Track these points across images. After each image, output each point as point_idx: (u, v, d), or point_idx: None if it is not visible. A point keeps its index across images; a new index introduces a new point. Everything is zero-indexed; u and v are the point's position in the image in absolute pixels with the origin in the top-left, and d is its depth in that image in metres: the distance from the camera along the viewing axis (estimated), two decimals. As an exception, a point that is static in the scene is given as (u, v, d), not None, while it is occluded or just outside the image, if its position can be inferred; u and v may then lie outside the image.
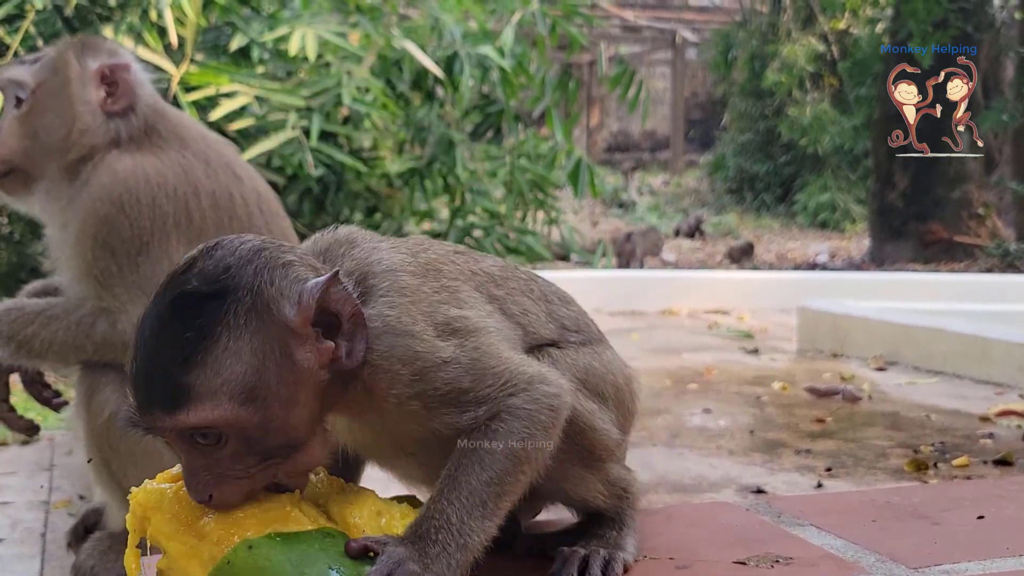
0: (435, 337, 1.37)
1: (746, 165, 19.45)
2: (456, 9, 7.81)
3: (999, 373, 5.51)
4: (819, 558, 1.55)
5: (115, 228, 2.44)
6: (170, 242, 2.44)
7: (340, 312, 1.30)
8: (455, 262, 1.51)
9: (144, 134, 2.56)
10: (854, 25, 17.62)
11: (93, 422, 2.49)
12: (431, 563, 1.27)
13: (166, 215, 2.45)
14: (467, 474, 1.33)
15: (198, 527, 1.30)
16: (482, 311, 1.46)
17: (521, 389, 1.38)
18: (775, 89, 17.83)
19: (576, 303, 1.68)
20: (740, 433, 4.53)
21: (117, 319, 2.45)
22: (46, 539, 3.28)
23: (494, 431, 1.36)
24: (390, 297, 1.37)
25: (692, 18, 23.88)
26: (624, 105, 9.34)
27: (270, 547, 1.26)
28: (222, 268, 1.28)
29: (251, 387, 1.24)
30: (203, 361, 1.23)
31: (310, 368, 1.28)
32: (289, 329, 1.27)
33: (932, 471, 3.83)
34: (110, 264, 2.44)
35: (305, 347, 1.28)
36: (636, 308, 8.80)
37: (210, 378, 1.23)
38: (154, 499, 1.33)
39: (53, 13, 6.11)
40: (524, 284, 1.59)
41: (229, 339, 1.24)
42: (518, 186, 7.81)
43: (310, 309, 1.28)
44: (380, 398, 1.36)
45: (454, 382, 1.36)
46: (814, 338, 6.90)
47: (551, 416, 1.39)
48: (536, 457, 1.38)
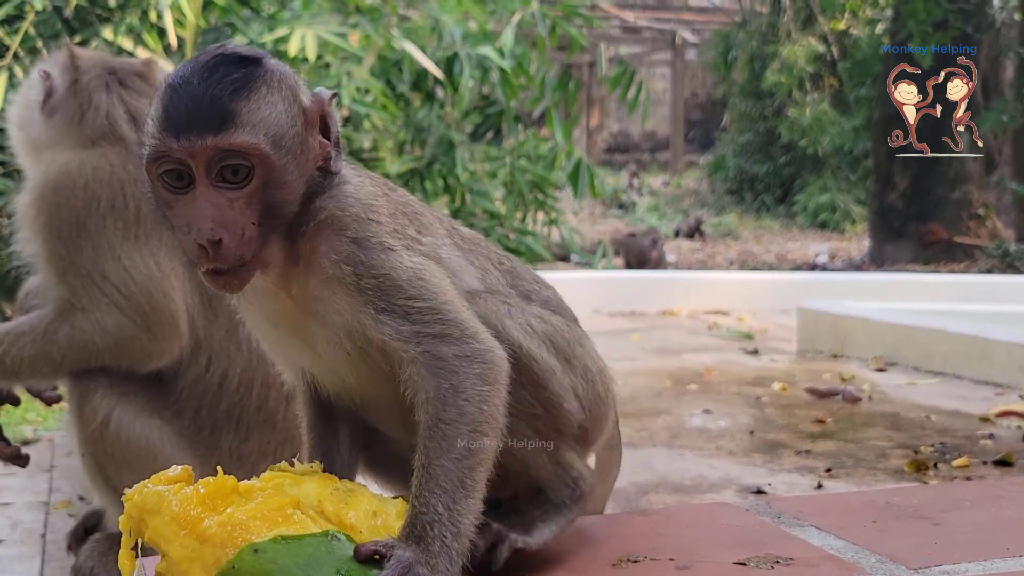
0: (389, 232, 1.45)
1: (746, 166, 19.45)
2: (456, 10, 7.82)
3: (999, 374, 5.51)
4: (819, 559, 1.55)
5: (52, 210, 2.49)
6: (106, 226, 2.47)
7: (331, 128, 1.46)
8: (433, 213, 1.61)
9: (99, 136, 2.62)
10: (854, 26, 17.63)
11: (86, 429, 2.49)
12: (436, 561, 1.30)
13: (99, 198, 2.48)
14: (438, 457, 1.35)
15: (200, 530, 1.29)
16: (446, 249, 1.54)
17: (454, 336, 1.40)
18: (775, 90, 17.83)
19: (553, 289, 1.69)
20: (740, 434, 4.52)
21: (75, 318, 2.46)
22: (46, 540, 3.28)
23: (444, 397, 1.37)
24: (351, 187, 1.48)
25: (692, 19, 23.88)
26: (624, 106, 9.34)
27: (276, 551, 1.25)
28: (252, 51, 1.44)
29: (280, 134, 1.38)
30: (248, 97, 1.37)
31: (312, 150, 1.43)
32: (304, 112, 1.43)
33: (932, 472, 3.83)
34: (58, 247, 2.48)
35: (313, 131, 1.44)
36: (636, 309, 8.81)
37: (253, 112, 1.36)
38: (152, 502, 1.32)
39: (53, 14, 6.11)
40: (495, 256, 1.65)
41: (267, 91, 1.39)
42: (518, 187, 7.81)
43: (321, 105, 1.45)
44: (318, 254, 1.42)
45: (390, 271, 1.41)
46: (814, 339, 6.89)
47: (490, 371, 1.40)
48: (489, 414, 1.39)
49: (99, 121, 2.62)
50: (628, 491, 3.65)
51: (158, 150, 1.35)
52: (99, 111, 2.63)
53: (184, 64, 1.42)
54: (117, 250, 2.46)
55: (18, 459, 2.72)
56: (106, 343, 2.46)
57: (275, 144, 1.37)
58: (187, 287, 2.52)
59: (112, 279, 2.45)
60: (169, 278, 2.49)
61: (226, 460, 2.53)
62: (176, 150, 1.33)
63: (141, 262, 2.47)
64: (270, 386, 2.55)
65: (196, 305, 2.52)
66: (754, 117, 19.30)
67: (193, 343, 2.52)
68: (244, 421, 2.55)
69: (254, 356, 2.53)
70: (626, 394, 5.14)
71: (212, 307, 2.53)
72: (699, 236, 16.56)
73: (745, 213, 18.83)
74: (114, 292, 2.45)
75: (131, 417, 2.48)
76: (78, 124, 2.62)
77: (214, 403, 2.53)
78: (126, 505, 1.35)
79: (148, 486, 1.35)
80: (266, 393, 2.55)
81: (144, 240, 2.48)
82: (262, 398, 2.55)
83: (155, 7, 6.01)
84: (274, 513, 1.30)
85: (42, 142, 2.65)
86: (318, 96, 1.46)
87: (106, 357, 2.47)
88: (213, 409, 2.53)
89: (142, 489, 1.34)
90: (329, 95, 1.48)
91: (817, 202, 17.58)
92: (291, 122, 1.40)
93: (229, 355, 2.53)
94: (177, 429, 2.52)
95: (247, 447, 2.56)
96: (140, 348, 2.48)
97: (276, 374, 2.54)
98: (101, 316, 2.45)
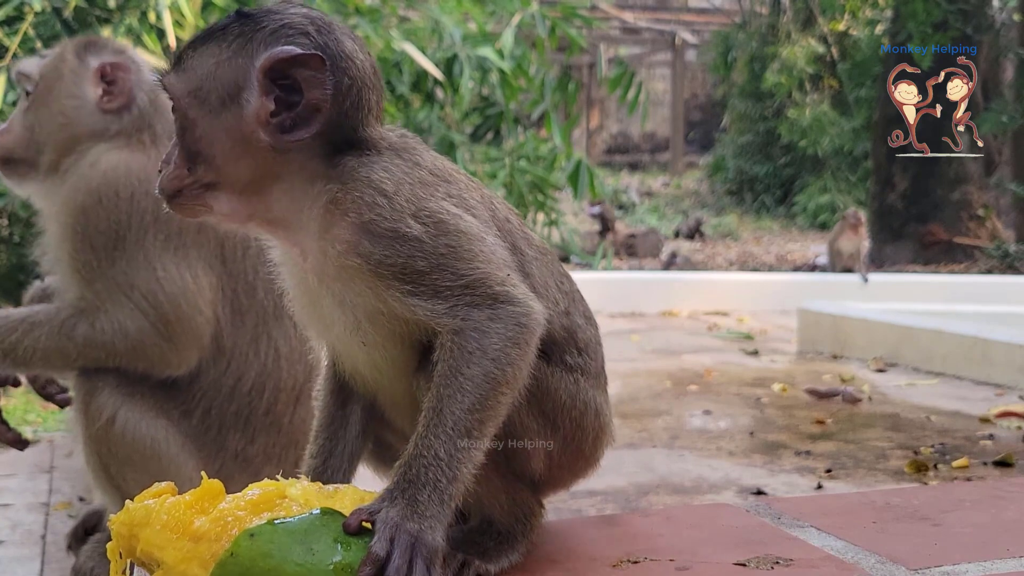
0: (410, 216, 1.39)
1: (746, 167, 19.45)
2: (456, 11, 7.82)
3: (999, 374, 5.51)
4: (819, 559, 1.55)
5: (92, 219, 2.45)
6: (147, 238, 2.44)
7: (302, 89, 1.39)
8: (487, 196, 1.54)
9: (137, 131, 2.57)
10: (854, 27, 17.64)
11: (91, 427, 2.48)
12: (424, 509, 1.30)
13: (144, 210, 2.45)
14: (449, 404, 1.34)
15: (192, 531, 1.28)
16: (482, 225, 1.46)
17: (488, 304, 1.37)
18: (775, 91, 17.84)
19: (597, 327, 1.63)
20: (740, 435, 4.53)
21: (96, 319, 2.45)
22: (46, 541, 3.28)
23: (469, 353, 1.35)
24: (389, 162, 1.43)
25: (692, 20, 23.89)
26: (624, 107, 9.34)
27: (272, 532, 1.26)
28: (275, 9, 1.45)
29: (196, 85, 1.41)
30: (196, 46, 1.43)
31: (246, 114, 1.40)
32: (249, 69, 1.39)
33: (932, 472, 3.83)
34: (89, 257, 2.45)
35: (251, 92, 1.39)
36: (636, 309, 8.81)
37: (188, 60, 1.43)
38: (140, 516, 1.31)
39: (52, 15, 6.11)
40: (550, 259, 1.58)
41: (215, 45, 1.42)
42: (518, 188, 7.81)
43: (271, 63, 1.38)
44: (327, 240, 1.39)
45: (408, 260, 1.37)
46: (814, 340, 6.90)
47: (521, 334, 1.37)
48: (511, 377, 1.37)
49: (159, 126, 2.57)
50: (628, 491, 3.65)
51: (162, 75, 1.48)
52: (146, 111, 2.58)
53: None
54: (153, 262, 2.44)
55: (18, 443, 2.71)
56: (125, 347, 2.44)
57: (190, 92, 1.41)
58: (219, 298, 2.50)
59: (141, 289, 2.43)
60: (204, 291, 2.47)
61: (231, 462, 2.53)
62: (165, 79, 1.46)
63: (176, 274, 2.45)
64: (280, 389, 2.54)
65: (225, 314, 2.51)
66: (754, 118, 19.30)
67: (216, 349, 2.51)
68: (251, 423, 2.54)
69: (270, 360, 2.53)
70: (626, 395, 5.15)
71: (241, 313, 2.51)
72: (699, 237, 16.57)
73: (745, 214, 18.84)
74: (141, 300, 2.43)
75: (137, 416, 2.47)
76: (147, 126, 2.57)
77: (224, 405, 2.53)
78: (113, 528, 1.33)
79: (132, 504, 1.33)
80: (276, 396, 2.55)
81: (183, 252, 2.46)
82: (271, 401, 2.55)
83: (154, 8, 6.01)
84: (264, 503, 1.30)
85: (89, 136, 2.57)
86: (277, 53, 1.38)
87: (122, 359, 2.46)
88: (223, 411, 2.53)
89: (127, 509, 1.33)
90: (294, 52, 1.38)
91: (817, 203, 17.58)
92: (216, 76, 1.40)
93: (248, 359, 2.52)
94: (184, 430, 2.52)
95: (252, 449, 2.55)
96: (159, 355, 2.46)
97: (287, 377, 2.56)
98: (123, 320, 2.43)
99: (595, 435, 1.56)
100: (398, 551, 1.27)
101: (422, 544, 1.28)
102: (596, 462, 1.61)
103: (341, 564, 1.25)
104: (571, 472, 1.60)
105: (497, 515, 1.53)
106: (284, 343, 2.54)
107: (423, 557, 1.28)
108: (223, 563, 1.25)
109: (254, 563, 1.24)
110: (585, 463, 1.60)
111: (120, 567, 1.35)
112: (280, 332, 2.53)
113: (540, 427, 1.49)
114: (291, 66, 1.38)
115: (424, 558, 1.28)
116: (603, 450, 1.61)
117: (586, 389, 1.54)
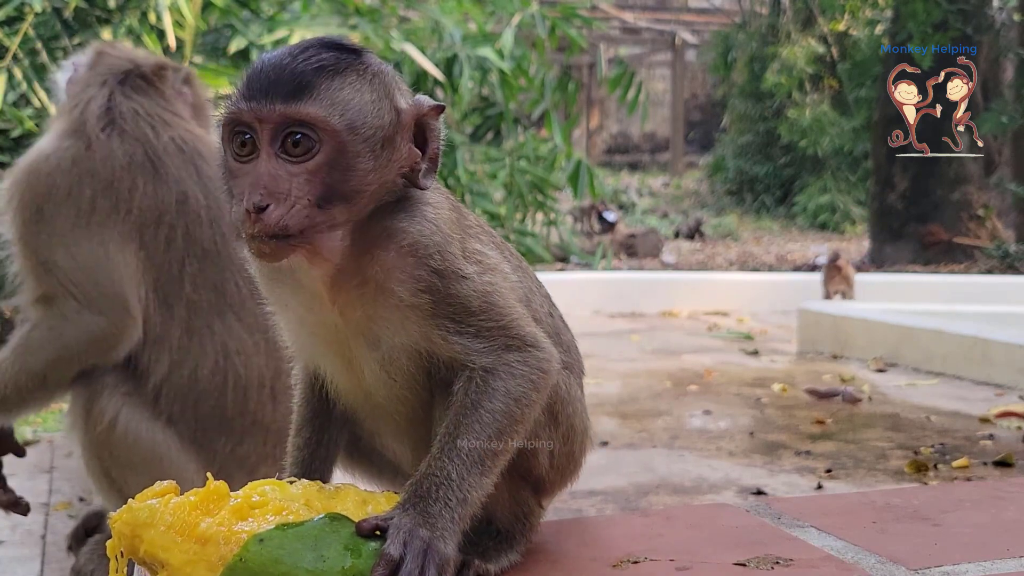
0: (461, 256, 1.43)
1: (746, 167, 19.45)
2: (456, 11, 7.82)
3: (999, 374, 5.51)
4: (819, 560, 1.55)
5: (19, 194, 2.54)
6: (60, 212, 2.51)
7: (429, 140, 1.42)
8: (487, 228, 1.58)
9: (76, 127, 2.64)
10: (854, 27, 17.64)
11: (92, 430, 2.49)
12: (435, 521, 1.32)
13: (57, 186, 2.53)
14: (467, 433, 1.38)
15: (198, 533, 1.28)
16: (501, 259, 1.52)
17: (518, 347, 1.43)
18: (775, 91, 17.84)
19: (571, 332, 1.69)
20: (740, 435, 4.53)
21: (39, 320, 2.51)
22: (46, 541, 3.28)
23: (493, 389, 1.40)
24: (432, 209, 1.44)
25: (692, 20, 23.89)
26: (624, 107, 9.35)
27: (281, 537, 1.26)
28: (355, 44, 1.41)
29: (360, 121, 1.35)
30: (332, 77, 1.35)
31: (399, 153, 1.39)
32: (397, 113, 1.39)
33: (932, 472, 3.83)
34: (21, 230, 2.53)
35: (403, 136, 1.40)
36: (636, 309, 8.80)
37: (335, 91, 1.34)
38: (143, 516, 1.30)
39: (52, 16, 6.12)
40: (535, 280, 1.63)
41: (357, 78, 1.37)
42: (518, 188, 7.82)
43: (418, 111, 1.41)
44: (393, 279, 1.39)
45: (464, 300, 1.41)
46: (814, 340, 6.90)
47: (543, 379, 1.44)
48: (528, 417, 1.43)
49: (76, 114, 2.64)
50: (628, 491, 3.65)
51: (230, 113, 1.35)
52: (81, 104, 2.65)
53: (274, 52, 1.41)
54: (67, 237, 2.50)
55: (18, 507, 2.73)
56: (73, 334, 2.48)
57: (351, 128, 1.34)
58: (138, 278, 2.53)
59: (61, 264, 2.49)
60: (116, 265, 2.51)
61: (227, 463, 2.53)
62: (245, 113, 1.33)
63: (88, 248, 2.50)
64: (245, 387, 2.55)
65: (150, 299, 2.53)
66: (754, 118, 19.30)
67: (152, 339, 2.52)
68: (229, 423, 2.55)
69: (220, 356, 2.53)
70: (626, 395, 5.15)
71: (168, 305, 2.53)
72: (699, 237, 16.56)
73: (745, 214, 18.84)
74: (65, 278, 2.48)
75: (138, 418, 2.48)
76: (67, 113, 2.66)
77: (196, 405, 2.54)
78: (114, 527, 1.32)
79: (134, 503, 1.33)
80: (243, 395, 2.55)
81: (96, 229, 2.51)
82: (240, 399, 2.55)
83: (154, 9, 6.01)
84: (269, 508, 1.30)
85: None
86: (417, 102, 1.42)
87: (75, 349, 2.49)
88: (198, 412, 2.54)
89: (129, 508, 1.32)
90: (431, 105, 1.42)
91: (817, 203, 17.59)
92: (377, 114, 1.37)
93: (192, 355, 2.53)
94: (178, 432, 2.52)
95: (242, 449, 2.56)
96: (99, 331, 2.49)
97: (248, 374, 2.56)
98: (60, 306, 2.48)
99: (582, 436, 1.60)
100: (411, 555, 1.28)
101: (434, 551, 1.30)
102: (583, 464, 1.65)
103: (352, 570, 1.26)
104: (563, 474, 1.62)
105: (498, 515, 1.54)
106: (232, 340, 2.55)
107: (435, 564, 1.30)
108: (232, 568, 1.25)
109: (264, 568, 1.24)
110: (575, 464, 1.63)
111: (120, 566, 1.34)
112: (223, 328, 2.55)
113: (545, 423, 1.52)
114: (430, 117, 1.42)
115: (436, 565, 1.30)
116: (587, 452, 1.64)
117: (575, 387, 1.60)
